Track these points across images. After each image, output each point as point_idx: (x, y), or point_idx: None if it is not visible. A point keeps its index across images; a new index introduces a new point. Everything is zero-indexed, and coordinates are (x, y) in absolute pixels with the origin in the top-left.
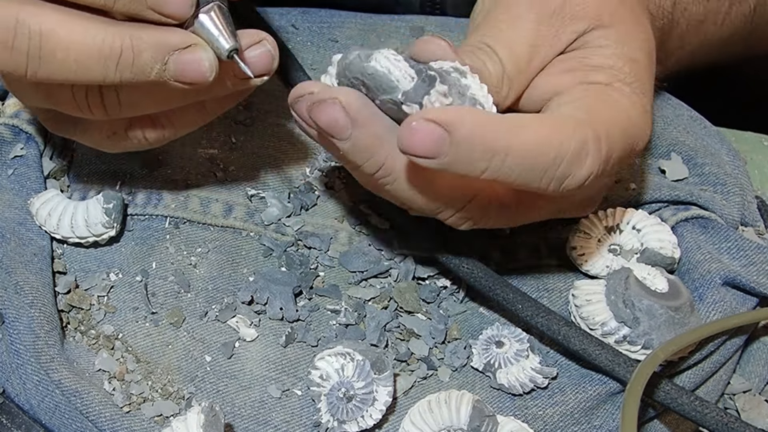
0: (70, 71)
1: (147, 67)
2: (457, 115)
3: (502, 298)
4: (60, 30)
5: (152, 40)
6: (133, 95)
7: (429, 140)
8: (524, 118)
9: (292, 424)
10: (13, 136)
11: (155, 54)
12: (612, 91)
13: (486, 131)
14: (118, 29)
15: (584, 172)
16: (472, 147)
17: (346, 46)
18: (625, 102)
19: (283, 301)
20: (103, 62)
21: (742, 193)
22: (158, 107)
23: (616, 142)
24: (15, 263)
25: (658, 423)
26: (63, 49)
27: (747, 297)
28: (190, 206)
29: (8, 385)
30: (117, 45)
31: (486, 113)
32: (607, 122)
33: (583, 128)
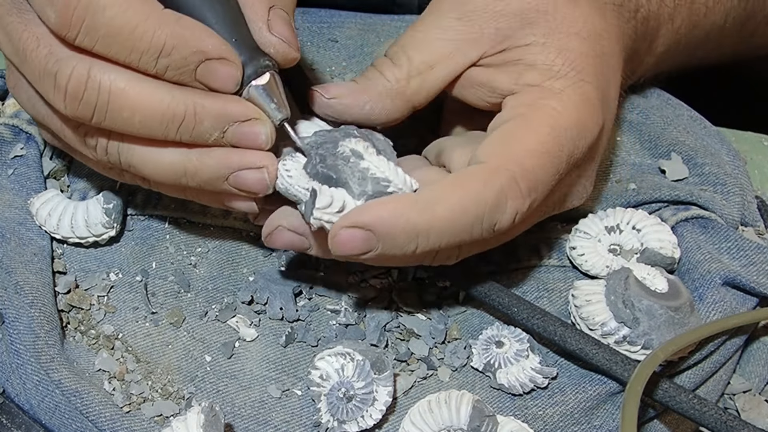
0: (134, 129)
1: (206, 134)
2: (373, 215)
3: (498, 303)
4: (129, 90)
5: (214, 109)
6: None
7: (357, 242)
8: (436, 192)
9: (292, 424)
10: (13, 136)
11: (216, 123)
12: (541, 98)
13: (403, 221)
14: (183, 95)
15: (508, 215)
16: (395, 237)
17: (346, 46)
18: (555, 105)
19: (283, 301)
20: (166, 125)
21: (742, 193)
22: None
23: (537, 170)
24: (15, 263)
25: (658, 423)
26: (129, 108)
27: (747, 297)
28: (190, 206)
29: (8, 385)
30: (180, 111)
31: (398, 200)
32: (525, 154)
33: (495, 177)
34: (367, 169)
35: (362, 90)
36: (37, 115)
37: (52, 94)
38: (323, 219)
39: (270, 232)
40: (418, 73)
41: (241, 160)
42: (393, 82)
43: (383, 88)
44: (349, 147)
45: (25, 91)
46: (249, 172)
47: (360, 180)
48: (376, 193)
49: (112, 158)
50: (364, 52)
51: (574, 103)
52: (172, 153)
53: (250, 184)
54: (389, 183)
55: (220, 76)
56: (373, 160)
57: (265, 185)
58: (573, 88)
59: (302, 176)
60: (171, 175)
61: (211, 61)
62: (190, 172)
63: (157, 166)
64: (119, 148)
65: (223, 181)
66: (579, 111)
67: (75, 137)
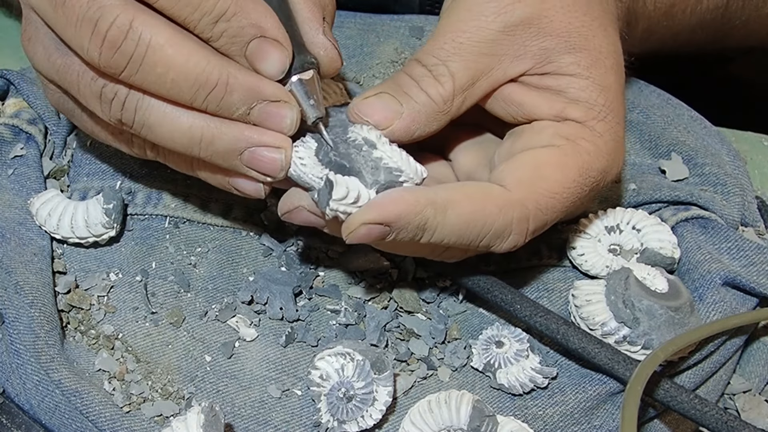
0: (164, 87)
1: (233, 106)
2: (392, 212)
3: (500, 300)
4: (168, 47)
5: (247, 83)
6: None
7: (374, 235)
8: (454, 194)
9: (292, 424)
10: (13, 136)
11: (245, 97)
12: (582, 137)
13: (419, 218)
14: (219, 63)
15: (506, 246)
16: (408, 228)
17: (346, 45)
18: (591, 150)
19: (283, 301)
20: (197, 89)
21: (742, 193)
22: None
23: (549, 212)
24: (15, 263)
25: (659, 423)
26: (165, 65)
27: (747, 297)
28: (190, 206)
29: (8, 385)
30: (214, 77)
31: (416, 197)
32: (547, 195)
33: (510, 210)
34: (380, 158)
35: (410, 117)
36: (51, 68)
37: (87, 41)
38: (339, 210)
39: (289, 210)
40: (462, 92)
41: (261, 137)
42: (440, 103)
43: (431, 111)
44: (361, 135)
45: (43, 43)
46: (265, 151)
47: (373, 170)
48: (388, 183)
49: (127, 115)
50: (364, 52)
51: (607, 150)
52: (192, 116)
53: (264, 163)
54: (401, 173)
55: (271, 57)
56: (386, 150)
57: (279, 168)
58: (610, 133)
59: (315, 164)
60: (186, 140)
61: (266, 40)
62: (206, 139)
63: (174, 129)
64: (138, 104)
65: (237, 155)
66: (609, 156)
67: (91, 90)
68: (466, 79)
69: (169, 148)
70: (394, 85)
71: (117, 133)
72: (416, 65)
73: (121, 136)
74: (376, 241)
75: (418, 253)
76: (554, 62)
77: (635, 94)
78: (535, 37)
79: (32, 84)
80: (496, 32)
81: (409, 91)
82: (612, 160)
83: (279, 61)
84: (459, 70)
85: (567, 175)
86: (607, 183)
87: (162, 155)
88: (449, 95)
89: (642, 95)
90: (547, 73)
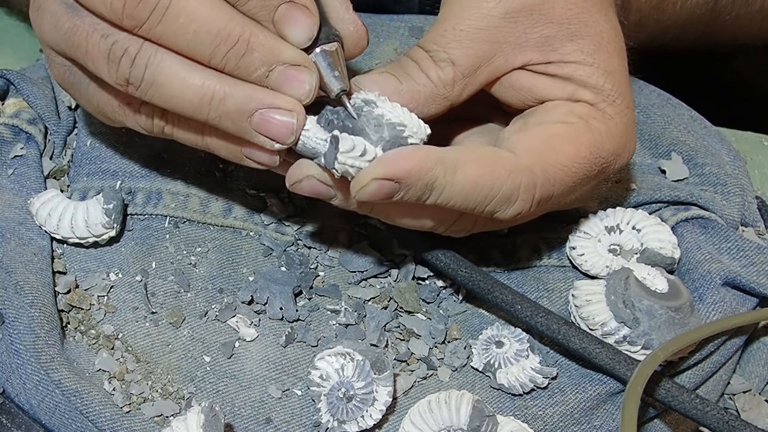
0: (184, 40)
1: (252, 66)
2: (403, 169)
3: (500, 301)
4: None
5: (268, 44)
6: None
7: (384, 191)
8: (463, 156)
9: (292, 424)
10: (13, 136)
11: (265, 58)
12: (594, 117)
13: (429, 176)
14: (243, 20)
15: (511, 212)
16: (417, 186)
17: None
18: (602, 130)
19: (283, 301)
20: (217, 44)
21: (743, 193)
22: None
23: (557, 184)
24: (15, 263)
25: (659, 423)
26: (188, 15)
27: (747, 297)
28: (190, 206)
29: (8, 385)
30: (236, 33)
31: (426, 154)
32: (556, 166)
33: (518, 175)
34: (381, 115)
35: (409, 95)
36: (58, 33)
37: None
38: (347, 164)
39: (299, 179)
40: (463, 78)
41: (273, 98)
42: (440, 86)
43: (430, 92)
44: (360, 98)
45: (50, 9)
46: (277, 114)
47: (376, 127)
48: (393, 138)
49: (136, 73)
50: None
51: (618, 132)
52: (205, 74)
53: (274, 126)
54: (404, 127)
55: (299, 22)
56: (387, 107)
57: (290, 131)
58: (620, 116)
59: (318, 129)
60: (196, 99)
61: (295, 5)
62: (217, 97)
63: (184, 86)
64: (150, 60)
65: (247, 117)
66: (620, 138)
67: (99, 49)
68: (466, 65)
69: (177, 109)
70: (396, 66)
71: (124, 103)
72: (418, 50)
73: (128, 107)
74: (385, 200)
75: (425, 221)
76: (557, 50)
77: (635, 93)
78: (536, 24)
79: (32, 84)
80: (498, 19)
81: (410, 72)
82: (623, 143)
83: (307, 27)
84: (459, 57)
85: (578, 150)
86: (617, 167)
87: (171, 122)
88: (449, 80)
89: (642, 95)
90: (551, 62)
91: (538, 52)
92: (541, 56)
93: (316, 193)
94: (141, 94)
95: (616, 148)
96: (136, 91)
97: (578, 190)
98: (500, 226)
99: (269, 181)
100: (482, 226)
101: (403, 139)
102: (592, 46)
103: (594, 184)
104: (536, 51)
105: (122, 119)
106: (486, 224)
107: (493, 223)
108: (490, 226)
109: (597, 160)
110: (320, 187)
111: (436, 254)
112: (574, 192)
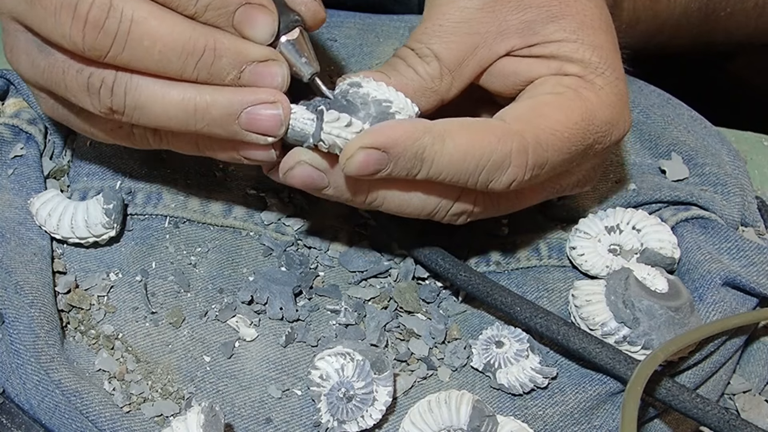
0: (152, 61)
1: (224, 71)
2: (389, 137)
3: (500, 303)
4: (151, 20)
5: (233, 47)
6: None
7: (372, 162)
8: (452, 125)
9: (292, 424)
10: (13, 136)
11: (234, 61)
12: (584, 87)
13: (416, 145)
14: (204, 30)
15: (505, 179)
16: (405, 157)
17: (345, 45)
18: (593, 98)
19: (283, 301)
20: (185, 58)
21: (743, 193)
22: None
23: (550, 150)
24: (15, 263)
25: (659, 422)
26: (150, 37)
27: (747, 297)
28: (190, 206)
29: (8, 385)
30: (201, 45)
31: (413, 125)
32: (547, 131)
33: (508, 140)
34: (367, 94)
35: (398, 87)
36: (36, 72)
37: (68, 28)
38: (333, 134)
39: (291, 167)
40: (449, 72)
41: (254, 95)
42: (427, 80)
43: (418, 86)
44: (346, 82)
45: (25, 50)
46: (262, 108)
47: (362, 104)
48: (380, 114)
49: (117, 100)
50: (363, 52)
51: (610, 101)
52: (182, 88)
53: (263, 121)
54: (390, 103)
55: (259, 23)
56: (372, 86)
57: (279, 121)
58: (611, 86)
59: (304, 111)
60: (180, 114)
61: (252, 6)
62: (200, 108)
63: (166, 104)
64: (127, 86)
65: (234, 119)
66: (613, 108)
67: (77, 83)
68: (451, 59)
69: (166, 127)
70: (385, 65)
71: (115, 128)
72: (404, 49)
73: (120, 131)
74: (374, 174)
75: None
76: (539, 33)
77: (635, 93)
78: (515, 11)
79: None
80: (475, 11)
81: (397, 68)
82: (616, 112)
83: (267, 24)
84: (442, 51)
85: (569, 116)
86: (613, 139)
87: (165, 140)
88: (437, 74)
89: (642, 95)
90: (535, 44)
91: (520, 38)
92: (524, 40)
93: (309, 180)
94: (128, 119)
95: (610, 118)
96: (123, 117)
97: (575, 162)
98: (500, 208)
99: (269, 181)
100: (483, 207)
101: (390, 114)
102: (575, 24)
103: (593, 162)
104: (518, 36)
105: (119, 141)
106: (486, 205)
107: (493, 203)
108: (491, 209)
109: (590, 128)
110: (313, 174)
111: (435, 258)
112: (571, 163)
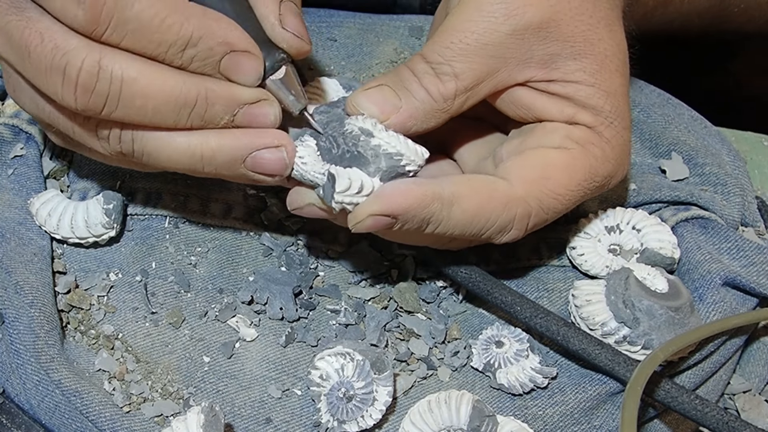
0: (146, 116)
1: (217, 117)
2: (399, 205)
3: (500, 302)
4: (141, 78)
5: (224, 93)
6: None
7: (380, 225)
8: (460, 189)
9: (292, 424)
10: (13, 136)
11: (226, 107)
12: (591, 142)
13: (425, 212)
14: (194, 81)
15: (506, 239)
16: (414, 220)
17: (345, 45)
18: (598, 155)
19: (283, 301)
20: (179, 111)
21: (743, 193)
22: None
23: (550, 212)
24: (15, 263)
25: (659, 423)
26: (142, 95)
27: (747, 297)
28: (190, 206)
29: (8, 385)
30: (192, 96)
31: (423, 190)
32: (551, 195)
33: (513, 206)
34: (378, 146)
35: (408, 112)
36: (42, 114)
37: (60, 89)
38: (344, 201)
39: (300, 206)
40: (465, 91)
41: (258, 139)
42: (440, 101)
43: (429, 108)
44: (357, 126)
45: (27, 93)
46: (267, 152)
47: (373, 158)
48: (390, 168)
49: (126, 147)
50: (363, 52)
51: (614, 155)
52: (186, 136)
53: (268, 164)
54: (402, 156)
55: (244, 68)
56: (383, 137)
57: (284, 164)
58: (617, 138)
59: (316, 161)
60: (187, 160)
61: (237, 54)
62: (206, 155)
63: (173, 151)
64: (133, 136)
65: (240, 163)
66: (616, 161)
67: (85, 132)
68: (470, 79)
69: (177, 170)
70: (396, 78)
71: (124, 161)
72: (420, 61)
73: (128, 162)
74: (382, 231)
75: (422, 242)
76: (560, 68)
77: (636, 92)
78: (542, 42)
79: None
80: (505, 35)
81: (409, 87)
82: (618, 165)
83: (253, 69)
84: (463, 71)
85: (573, 178)
86: (610, 186)
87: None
88: (450, 95)
89: (642, 94)
90: (554, 80)
91: (541, 69)
92: (544, 74)
93: (316, 216)
94: (138, 161)
95: (611, 171)
96: (133, 159)
97: (569, 209)
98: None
99: None
100: (478, 242)
101: (400, 167)
102: (595, 66)
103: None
104: (540, 68)
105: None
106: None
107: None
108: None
109: (591, 185)
110: (320, 213)
111: (435, 255)
112: (566, 212)
